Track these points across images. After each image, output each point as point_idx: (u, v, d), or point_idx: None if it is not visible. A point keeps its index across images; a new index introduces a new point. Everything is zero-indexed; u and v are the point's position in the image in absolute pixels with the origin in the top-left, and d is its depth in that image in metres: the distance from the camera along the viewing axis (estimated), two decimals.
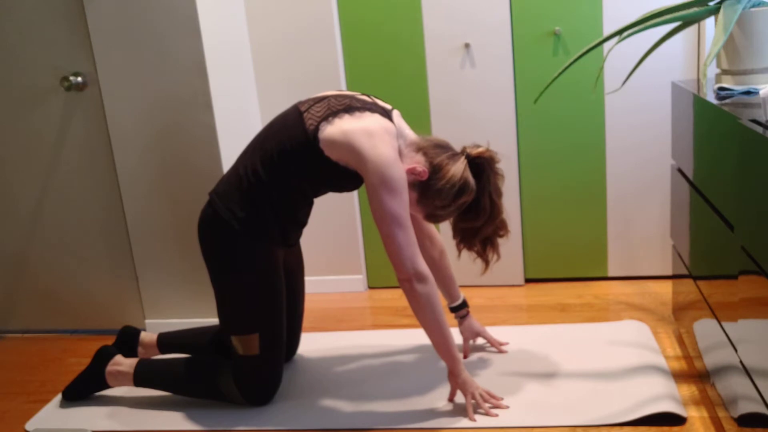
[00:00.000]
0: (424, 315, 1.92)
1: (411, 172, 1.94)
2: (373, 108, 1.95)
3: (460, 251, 2.09)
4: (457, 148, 2.03)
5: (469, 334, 2.31)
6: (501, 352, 2.30)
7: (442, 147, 1.99)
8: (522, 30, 2.69)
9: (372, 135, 1.87)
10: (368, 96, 2.04)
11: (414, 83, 2.80)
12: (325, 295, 3.00)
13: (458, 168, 1.94)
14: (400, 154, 1.97)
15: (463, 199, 1.96)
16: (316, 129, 1.90)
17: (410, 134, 2.05)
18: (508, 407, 1.97)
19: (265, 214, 1.98)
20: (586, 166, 2.77)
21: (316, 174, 1.95)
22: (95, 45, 2.52)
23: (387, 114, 1.98)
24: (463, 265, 2.90)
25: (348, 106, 1.92)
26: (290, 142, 1.93)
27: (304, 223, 2.13)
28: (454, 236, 2.07)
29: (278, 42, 2.83)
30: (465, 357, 2.29)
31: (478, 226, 2.01)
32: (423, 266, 1.90)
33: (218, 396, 2.10)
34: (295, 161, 1.93)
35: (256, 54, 2.86)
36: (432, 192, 1.95)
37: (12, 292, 2.89)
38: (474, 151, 1.99)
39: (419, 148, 1.98)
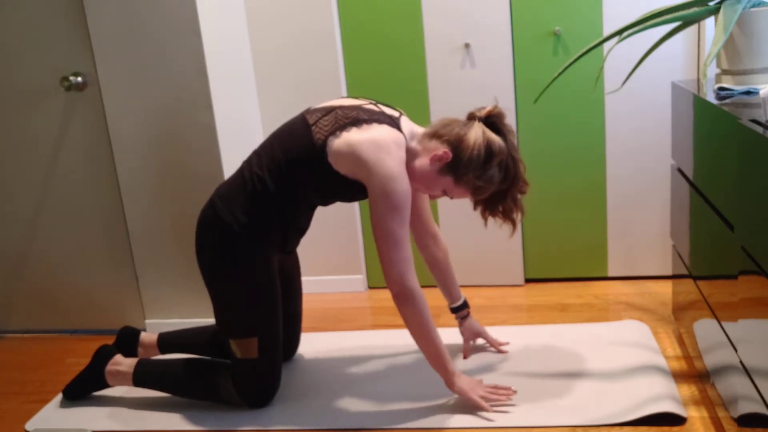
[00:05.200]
0: (413, 330, 1.93)
1: (435, 159, 1.89)
2: (381, 119, 1.92)
3: (486, 220, 2.00)
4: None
5: (470, 334, 2.31)
6: (501, 352, 2.30)
7: (451, 122, 1.95)
8: (522, 30, 2.69)
9: (378, 147, 1.85)
10: (375, 104, 2.01)
11: (414, 84, 2.80)
12: (325, 295, 3.00)
13: (476, 132, 1.89)
14: (416, 153, 1.94)
15: (496, 160, 1.89)
16: (324, 143, 1.89)
17: (421, 131, 2.01)
18: (516, 392, 1.99)
19: (269, 221, 1.98)
20: (587, 166, 2.77)
21: (324, 185, 1.95)
22: (95, 45, 2.52)
23: (395, 122, 1.95)
24: (463, 265, 2.90)
25: (355, 119, 1.90)
26: (298, 154, 1.92)
27: (305, 230, 2.13)
28: (476, 207, 2.00)
29: (279, 43, 2.83)
30: (465, 357, 2.29)
31: (505, 189, 1.94)
32: (412, 283, 1.89)
33: (217, 398, 2.10)
34: (303, 172, 1.93)
35: (256, 56, 2.86)
36: (463, 167, 1.88)
37: (12, 292, 2.89)
38: (482, 113, 1.93)
39: (431, 135, 1.93)
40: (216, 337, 2.26)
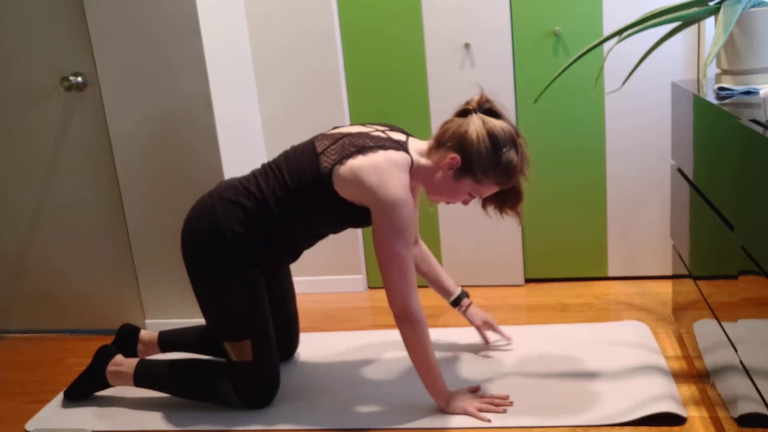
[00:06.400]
0: (411, 351, 1.93)
1: (447, 168, 1.88)
2: (387, 145, 1.90)
3: (502, 214, 1.99)
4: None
5: (478, 321, 2.32)
6: (507, 340, 2.34)
7: (448, 123, 1.91)
8: (522, 30, 2.69)
9: (381, 172, 1.84)
10: (383, 131, 1.97)
11: (414, 83, 2.80)
12: (325, 295, 3.00)
13: (475, 125, 1.85)
14: (431, 169, 1.92)
15: (506, 144, 1.85)
16: (330, 171, 1.89)
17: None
18: (512, 403, 1.98)
19: (264, 239, 1.98)
20: (587, 166, 2.77)
21: (330, 212, 1.95)
22: (95, 45, 2.52)
23: (402, 146, 1.92)
24: (463, 265, 2.90)
25: (361, 147, 1.88)
26: (305, 181, 1.92)
27: (299, 254, 2.13)
28: (485, 205, 1.99)
29: (279, 43, 2.83)
30: (487, 343, 2.33)
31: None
32: (415, 306, 1.89)
33: (217, 399, 2.09)
34: (309, 199, 1.93)
35: (256, 56, 2.86)
36: (475, 164, 1.85)
37: (12, 292, 2.89)
38: (473, 103, 1.89)
39: (436, 146, 1.91)
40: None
